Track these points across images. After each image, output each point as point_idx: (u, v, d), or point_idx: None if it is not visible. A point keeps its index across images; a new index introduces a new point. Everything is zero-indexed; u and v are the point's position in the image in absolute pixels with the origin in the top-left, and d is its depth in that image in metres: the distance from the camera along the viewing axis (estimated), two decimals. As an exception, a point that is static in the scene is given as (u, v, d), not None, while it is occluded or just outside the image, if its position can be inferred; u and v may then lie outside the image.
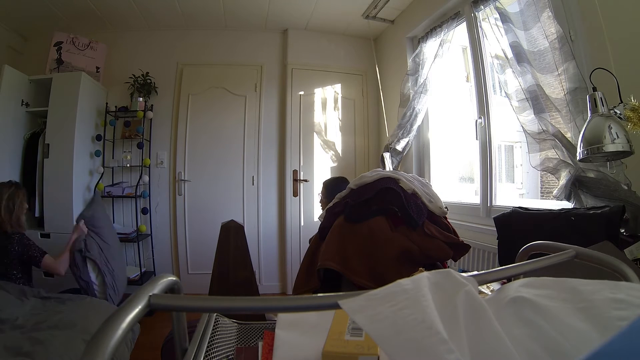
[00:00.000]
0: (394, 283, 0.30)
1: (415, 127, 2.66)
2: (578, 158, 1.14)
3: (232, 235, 2.04)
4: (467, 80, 2.67)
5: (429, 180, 2.52)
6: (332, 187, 2.04)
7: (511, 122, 1.84)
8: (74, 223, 2.53)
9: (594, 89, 1.12)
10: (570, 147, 1.44)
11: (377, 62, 3.28)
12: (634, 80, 1.19)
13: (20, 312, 1.63)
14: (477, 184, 2.27)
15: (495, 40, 1.83)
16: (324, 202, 2.08)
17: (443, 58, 2.41)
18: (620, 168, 1.24)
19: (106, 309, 1.82)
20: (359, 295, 0.28)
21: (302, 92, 3.26)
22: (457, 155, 2.94)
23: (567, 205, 1.46)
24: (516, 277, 0.46)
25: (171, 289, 0.38)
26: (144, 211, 3.03)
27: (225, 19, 3.12)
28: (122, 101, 3.07)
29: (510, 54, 1.70)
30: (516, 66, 1.66)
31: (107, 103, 3.02)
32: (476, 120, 2.20)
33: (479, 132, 2.19)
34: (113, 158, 3.02)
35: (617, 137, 1.02)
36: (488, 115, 2.14)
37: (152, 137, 3.11)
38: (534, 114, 1.58)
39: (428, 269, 0.75)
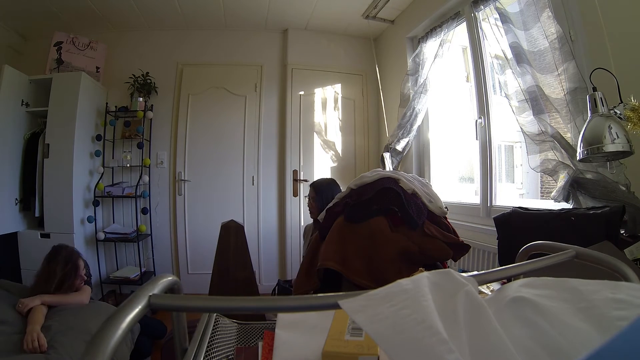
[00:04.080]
0: (394, 283, 0.30)
1: (415, 127, 2.66)
2: (578, 158, 1.14)
3: (232, 235, 2.04)
4: (467, 80, 2.67)
5: (429, 180, 2.52)
6: (323, 189, 1.98)
7: (511, 122, 1.84)
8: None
9: (594, 89, 1.12)
10: (568, 148, 1.44)
11: (377, 62, 3.28)
12: (634, 80, 1.19)
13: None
14: (477, 184, 2.27)
15: (495, 41, 1.83)
16: (313, 205, 1.98)
17: (443, 58, 2.41)
18: (620, 168, 1.24)
19: (106, 309, 1.82)
20: (359, 295, 0.28)
21: (302, 92, 3.26)
22: (457, 155, 2.94)
23: (567, 205, 1.46)
24: (516, 277, 0.46)
25: (171, 289, 0.38)
26: (144, 211, 3.02)
27: (225, 19, 3.12)
28: (122, 101, 3.06)
29: (510, 55, 1.70)
30: (516, 67, 1.66)
31: (107, 103, 3.02)
32: (476, 120, 2.20)
33: (479, 132, 2.19)
34: (113, 158, 3.02)
35: (617, 137, 1.02)
36: (488, 115, 2.14)
37: (152, 137, 3.11)
38: (533, 115, 1.58)
39: (428, 269, 0.75)
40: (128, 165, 3.01)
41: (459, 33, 2.40)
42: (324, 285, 1.44)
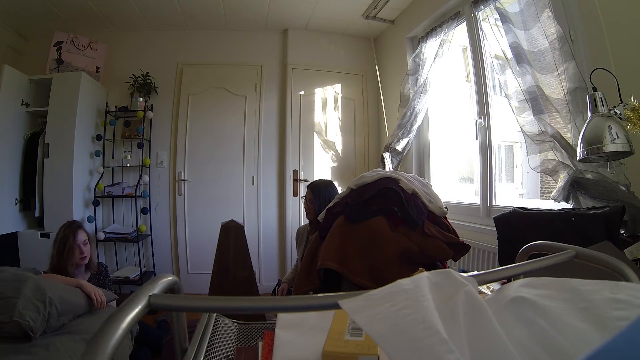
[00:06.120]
0: (393, 283, 0.30)
1: (415, 127, 2.66)
2: (578, 158, 1.14)
3: (232, 235, 2.04)
4: (467, 80, 2.67)
5: (429, 180, 2.52)
6: (320, 191, 1.95)
7: (511, 122, 1.84)
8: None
9: (594, 89, 1.12)
10: (568, 149, 1.44)
11: (377, 62, 3.28)
12: (634, 80, 1.19)
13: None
14: (477, 184, 2.27)
15: (495, 41, 1.83)
16: (309, 206, 1.95)
17: (443, 58, 2.41)
18: (620, 168, 1.24)
19: (106, 309, 1.82)
20: (358, 295, 0.28)
21: (302, 92, 3.26)
22: (457, 155, 2.94)
23: (567, 205, 1.46)
24: (516, 277, 0.46)
25: (171, 289, 0.38)
26: (144, 211, 3.02)
27: (225, 19, 3.12)
28: (122, 101, 3.07)
29: (510, 55, 1.70)
30: (516, 67, 1.66)
31: (107, 103, 3.02)
32: (476, 120, 2.20)
33: (479, 132, 2.19)
34: (113, 158, 3.03)
35: (617, 137, 1.02)
36: (488, 115, 2.14)
37: (152, 137, 3.11)
38: (533, 115, 1.58)
39: (428, 269, 0.75)
40: (128, 165, 3.01)
41: (459, 33, 2.40)
42: (324, 285, 1.44)
